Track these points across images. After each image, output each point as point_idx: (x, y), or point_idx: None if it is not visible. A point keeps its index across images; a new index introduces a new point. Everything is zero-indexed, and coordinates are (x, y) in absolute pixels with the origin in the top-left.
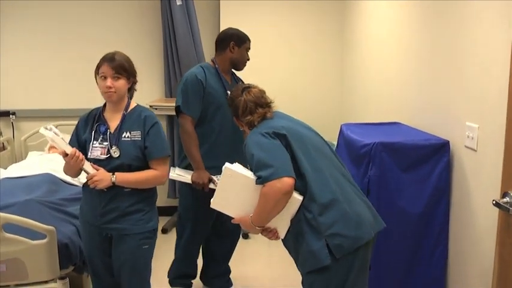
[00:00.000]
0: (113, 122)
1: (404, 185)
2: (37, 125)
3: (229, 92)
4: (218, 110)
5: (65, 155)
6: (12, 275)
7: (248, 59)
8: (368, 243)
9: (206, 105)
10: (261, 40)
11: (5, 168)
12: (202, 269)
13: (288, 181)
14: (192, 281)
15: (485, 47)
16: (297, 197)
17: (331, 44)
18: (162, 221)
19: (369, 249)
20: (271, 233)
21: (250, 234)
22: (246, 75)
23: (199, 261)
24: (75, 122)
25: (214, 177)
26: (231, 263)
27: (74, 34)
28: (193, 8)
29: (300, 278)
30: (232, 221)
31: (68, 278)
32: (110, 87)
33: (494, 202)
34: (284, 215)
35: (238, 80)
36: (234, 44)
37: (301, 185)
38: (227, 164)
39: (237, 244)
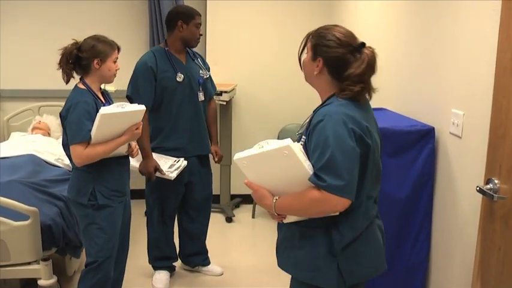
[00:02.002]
0: (101, 99)
1: (389, 170)
2: (21, 105)
3: (179, 73)
4: (174, 92)
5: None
6: None
7: (201, 35)
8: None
9: (161, 90)
10: (247, 40)
11: None
12: (179, 248)
13: (345, 204)
14: (174, 263)
15: (471, 34)
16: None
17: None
18: (144, 204)
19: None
20: (279, 217)
21: (233, 218)
22: (232, 61)
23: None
24: (60, 103)
25: (160, 166)
26: (214, 247)
27: (59, 15)
28: None
29: None
30: (246, 183)
31: (51, 260)
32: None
33: (478, 188)
34: None
35: (196, 57)
36: (182, 23)
37: (354, 203)
38: (290, 142)
39: (221, 228)
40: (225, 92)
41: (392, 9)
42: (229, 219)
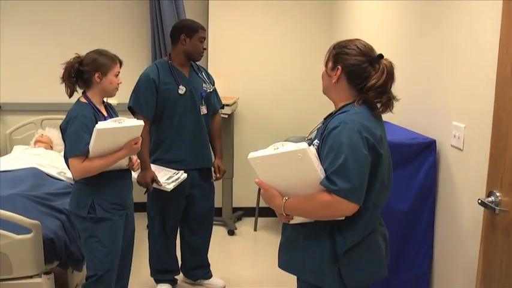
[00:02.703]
0: (103, 112)
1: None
2: (23, 119)
3: (181, 86)
4: (175, 104)
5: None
6: None
7: (204, 49)
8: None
9: (162, 102)
10: (249, 40)
11: None
12: (181, 261)
13: (353, 209)
14: (176, 276)
15: (473, 47)
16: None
17: (320, 42)
18: (146, 217)
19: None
20: (286, 218)
21: (235, 231)
22: (234, 74)
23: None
24: (63, 116)
25: (159, 178)
26: (216, 260)
27: (62, 28)
28: (182, 4)
29: (287, 274)
30: (257, 182)
31: (53, 273)
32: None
33: (479, 201)
34: None
35: (200, 71)
36: (185, 36)
37: (360, 209)
38: (306, 146)
39: (223, 241)
40: (227, 105)
41: (392, 24)
42: (231, 232)
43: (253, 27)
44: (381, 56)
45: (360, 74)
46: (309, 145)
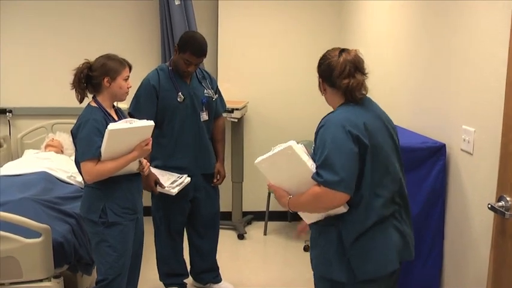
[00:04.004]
0: (114, 116)
1: None
2: (34, 123)
3: (180, 93)
4: (174, 111)
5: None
6: (6, 273)
7: (186, 71)
8: (393, 273)
9: (162, 108)
10: (259, 40)
11: (1, 166)
12: (190, 266)
13: (342, 198)
14: (185, 280)
15: (483, 50)
16: (342, 208)
17: (329, 45)
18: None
19: (393, 280)
20: (302, 228)
21: (245, 235)
22: (244, 78)
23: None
24: (73, 121)
25: (163, 182)
26: (226, 264)
27: (72, 32)
28: (191, 8)
29: (297, 278)
30: (268, 184)
31: (62, 277)
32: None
33: (489, 206)
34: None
35: (204, 78)
36: (177, 47)
37: (355, 200)
38: (292, 143)
39: (233, 245)
40: (237, 109)
41: (401, 27)
42: (241, 236)
43: (263, 31)
44: (343, 50)
45: (329, 71)
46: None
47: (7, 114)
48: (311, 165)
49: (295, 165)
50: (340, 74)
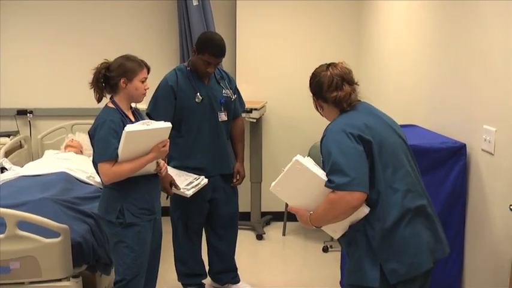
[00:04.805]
0: (131, 117)
1: None
2: (54, 124)
3: (198, 94)
4: (192, 112)
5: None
6: (25, 273)
7: (205, 72)
8: (427, 272)
9: (180, 109)
10: (277, 40)
11: (22, 166)
12: (208, 266)
13: (359, 197)
14: (204, 281)
15: (504, 49)
16: (364, 209)
17: (347, 44)
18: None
19: (428, 279)
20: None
21: (264, 236)
22: (262, 78)
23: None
24: (92, 121)
25: (179, 183)
26: (245, 264)
27: (92, 33)
28: (209, 8)
29: (315, 279)
30: (288, 208)
31: (81, 277)
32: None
33: (511, 207)
34: (344, 221)
35: (223, 78)
36: (195, 48)
37: (373, 197)
38: (298, 157)
39: (251, 245)
40: (255, 109)
41: (420, 26)
42: (259, 237)
43: (281, 31)
44: (329, 65)
45: (319, 87)
46: None
47: (28, 115)
48: (322, 174)
49: (306, 178)
50: (329, 88)
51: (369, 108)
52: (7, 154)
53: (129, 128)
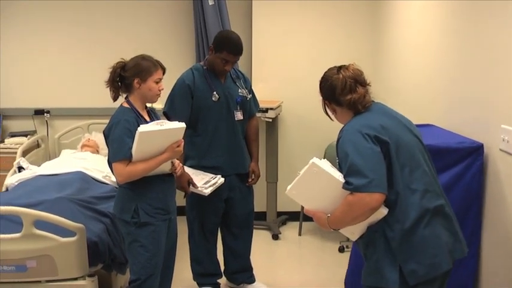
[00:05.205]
0: (146, 117)
1: None
2: (71, 123)
3: (215, 93)
4: (209, 111)
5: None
6: (42, 271)
7: (223, 70)
8: (446, 272)
9: (197, 108)
10: (293, 40)
11: (39, 166)
12: (224, 266)
13: (378, 198)
14: (219, 280)
15: None
16: (382, 211)
17: (364, 44)
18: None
19: (446, 280)
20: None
21: (280, 235)
22: (278, 77)
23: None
24: (108, 121)
25: (196, 182)
26: (260, 264)
27: (108, 33)
28: (225, 8)
29: (331, 279)
30: (304, 211)
31: (96, 276)
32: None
33: None
34: (363, 222)
35: (239, 77)
36: (212, 47)
37: (391, 198)
38: (315, 159)
39: (267, 245)
40: (271, 108)
41: (437, 24)
42: (275, 237)
43: (297, 30)
44: (340, 67)
45: (332, 91)
46: None
47: (45, 114)
48: (339, 176)
49: (323, 181)
50: (342, 91)
51: (383, 109)
52: (25, 153)
53: (142, 128)
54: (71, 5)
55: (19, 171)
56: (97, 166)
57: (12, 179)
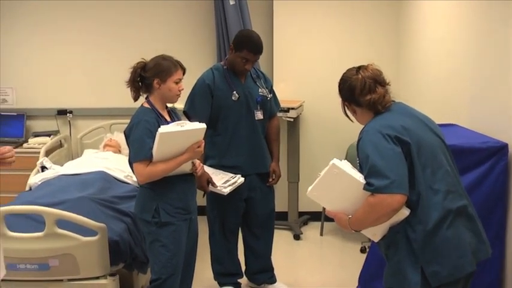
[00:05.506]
0: (166, 117)
1: None
2: (93, 123)
3: (235, 92)
4: (229, 110)
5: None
6: (64, 270)
7: (243, 69)
8: (470, 274)
9: (217, 108)
10: (314, 39)
11: (62, 165)
12: (245, 266)
13: (400, 199)
14: (240, 280)
15: None
16: (404, 212)
17: (386, 44)
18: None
19: (469, 282)
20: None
21: (301, 236)
22: (300, 77)
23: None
24: (129, 121)
25: (215, 181)
26: (282, 264)
27: (130, 33)
28: (246, 8)
29: (353, 280)
30: (326, 212)
31: (118, 275)
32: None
33: None
34: (385, 223)
35: (259, 77)
36: (232, 46)
37: (413, 199)
38: (335, 161)
39: (289, 245)
40: (292, 108)
41: (461, 23)
42: (297, 237)
43: (318, 30)
44: (359, 68)
45: (351, 92)
46: None
47: (67, 115)
48: (359, 177)
49: (344, 182)
50: (362, 91)
51: (404, 109)
52: (48, 153)
53: (162, 129)
54: (93, 5)
55: (42, 171)
56: (119, 166)
57: (35, 179)
